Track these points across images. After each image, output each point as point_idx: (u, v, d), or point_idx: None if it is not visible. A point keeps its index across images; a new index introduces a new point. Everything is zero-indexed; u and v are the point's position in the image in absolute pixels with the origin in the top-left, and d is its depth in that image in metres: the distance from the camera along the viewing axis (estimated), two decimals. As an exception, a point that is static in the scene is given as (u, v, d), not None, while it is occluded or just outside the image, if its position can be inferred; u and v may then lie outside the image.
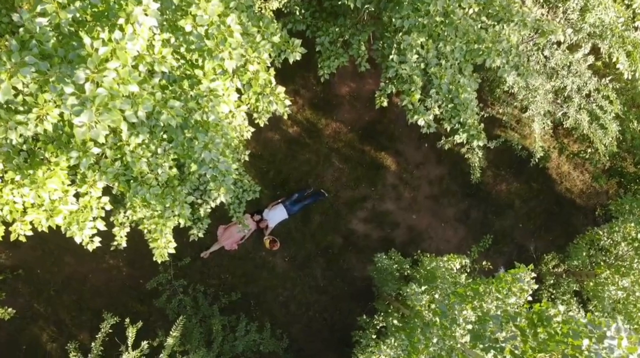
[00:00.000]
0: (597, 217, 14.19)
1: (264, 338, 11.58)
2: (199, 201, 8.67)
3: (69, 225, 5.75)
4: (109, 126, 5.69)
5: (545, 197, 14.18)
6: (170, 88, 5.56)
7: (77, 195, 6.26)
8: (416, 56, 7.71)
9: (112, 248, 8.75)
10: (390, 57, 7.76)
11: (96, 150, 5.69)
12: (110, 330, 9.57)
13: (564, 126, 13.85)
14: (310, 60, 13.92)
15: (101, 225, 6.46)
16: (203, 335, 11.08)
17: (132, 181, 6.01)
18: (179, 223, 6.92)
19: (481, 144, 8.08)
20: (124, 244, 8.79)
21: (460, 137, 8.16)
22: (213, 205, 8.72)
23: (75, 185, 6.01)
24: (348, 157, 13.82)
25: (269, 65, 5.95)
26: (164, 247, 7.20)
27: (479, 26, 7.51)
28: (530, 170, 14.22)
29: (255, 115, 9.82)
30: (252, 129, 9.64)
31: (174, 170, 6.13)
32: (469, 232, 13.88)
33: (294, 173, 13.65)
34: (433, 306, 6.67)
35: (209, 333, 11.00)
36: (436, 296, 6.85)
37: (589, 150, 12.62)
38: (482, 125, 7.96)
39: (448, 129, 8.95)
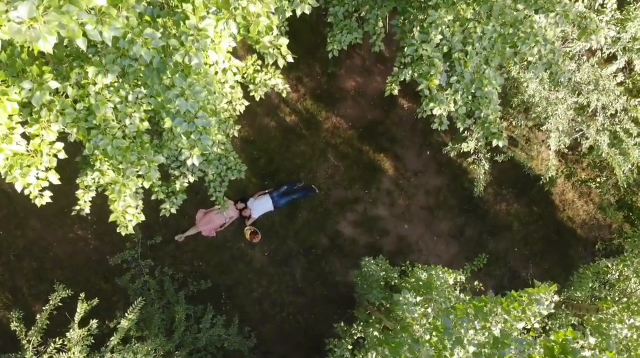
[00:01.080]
0: (596, 251, 13.29)
1: (230, 335, 10.54)
2: (176, 173, 7.67)
3: (10, 169, 4.74)
4: (66, 46, 4.69)
5: (546, 223, 13.27)
6: (152, 25, 4.58)
7: (28, 139, 5.25)
8: (440, 37, 6.77)
9: (73, 213, 7.72)
10: (412, 33, 6.82)
11: (54, 84, 4.70)
12: (62, 304, 8.52)
13: (577, 150, 13.01)
14: (318, 48, 13.00)
15: (54, 179, 5.44)
16: (165, 322, 10.03)
17: (94, 129, 5.01)
18: (144, 187, 5.91)
19: (501, 144, 7.15)
20: (87, 211, 7.77)
21: (477, 134, 7.22)
22: (191, 179, 7.73)
23: (27, 125, 5.00)
24: (345, 155, 12.87)
25: (273, 12, 4.98)
26: (122, 213, 6.19)
27: (514, 13, 6.58)
28: (533, 193, 13.33)
29: (251, 87, 8.87)
30: (247, 103, 8.69)
31: (146, 124, 5.14)
32: (461, 250, 12.94)
33: (286, 164, 12.67)
34: (425, 321, 5.73)
35: (172, 321, 9.95)
36: (429, 310, 5.90)
37: (600, 180, 11.73)
38: (504, 124, 7.02)
39: (461, 130, 8.02)
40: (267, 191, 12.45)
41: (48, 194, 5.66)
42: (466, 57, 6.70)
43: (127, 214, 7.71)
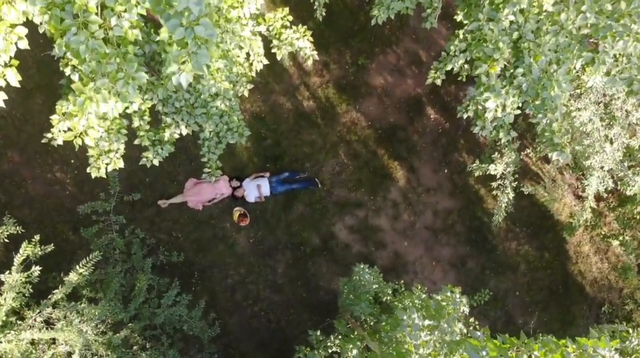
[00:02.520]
0: (601, 313, 12.08)
1: (192, 318, 9.34)
2: (168, 120, 6.51)
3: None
4: None
5: (554, 272, 12.08)
6: None
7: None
8: (512, 17, 5.64)
9: (43, 141, 6.58)
10: (480, 7, 5.69)
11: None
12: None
13: (607, 201, 11.86)
14: (353, 36, 11.89)
15: (13, 78, 4.30)
16: (124, 289, 8.84)
17: (69, 21, 3.86)
18: (130, 129, 4.78)
19: (562, 159, 6.00)
20: (59, 142, 6.60)
21: (538, 141, 6.06)
22: (184, 130, 6.58)
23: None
24: (357, 154, 11.71)
25: None
26: (79, 135, 5.04)
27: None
28: (547, 238, 12.16)
29: (274, 42, 7.76)
30: (266, 62, 7.57)
31: (136, 32, 3.99)
32: (459, 281, 11.74)
33: (292, 150, 11.52)
34: (425, 351, 4.57)
35: (131, 289, 8.76)
36: (433, 338, 4.74)
37: (624, 238, 10.56)
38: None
39: (503, 140, 6.86)
40: (266, 174, 11.30)
41: (2, 97, 4.51)
42: (538, 48, 5.55)
43: (105, 155, 6.59)
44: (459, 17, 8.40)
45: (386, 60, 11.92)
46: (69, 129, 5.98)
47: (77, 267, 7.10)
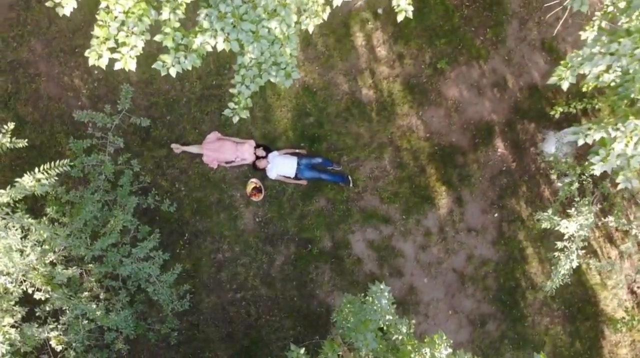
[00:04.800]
0: None
1: (162, 281, 7.77)
2: (204, 24, 4.98)
3: None
4: None
5: (582, 367, 10.17)
6: None
7: None
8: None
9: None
10: None
11: None
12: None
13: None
14: (441, 35, 10.28)
15: None
16: (96, 223, 7.33)
17: None
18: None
19: None
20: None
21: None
22: (220, 43, 5.02)
23: None
24: (402, 164, 10.05)
25: None
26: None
27: None
28: (584, 326, 10.25)
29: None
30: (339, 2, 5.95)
31: None
32: (471, 342, 9.93)
33: (334, 137, 9.94)
34: None
35: (104, 224, 7.24)
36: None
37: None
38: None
39: (620, 186, 5.12)
40: (297, 152, 9.74)
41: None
42: None
43: (120, 47, 5.11)
44: (585, 34, 6.72)
45: (468, 72, 10.27)
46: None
47: (36, 170, 5.62)
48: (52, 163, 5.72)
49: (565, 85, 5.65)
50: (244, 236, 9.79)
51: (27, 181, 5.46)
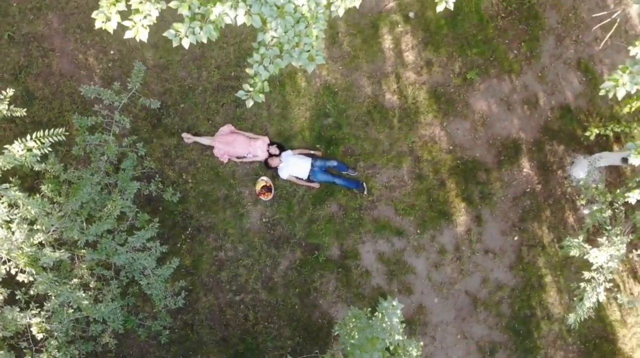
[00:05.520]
0: None
1: (157, 276, 7.23)
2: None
3: None
4: None
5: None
6: None
7: None
8: None
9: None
10: None
11: None
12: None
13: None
14: (473, 45, 9.73)
15: None
16: (94, 205, 6.81)
17: None
18: None
19: None
20: None
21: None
22: (240, 16, 4.50)
23: None
24: (422, 175, 9.47)
25: None
26: None
27: None
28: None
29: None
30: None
31: None
32: (479, 370, 9.25)
33: (352, 141, 9.39)
34: None
35: (100, 208, 6.72)
36: None
37: None
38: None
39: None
40: (311, 153, 9.21)
41: None
42: None
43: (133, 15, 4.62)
44: (634, 50, 6.11)
45: (499, 86, 9.69)
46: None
47: (28, 137, 5.11)
48: (46, 131, 5.22)
49: (621, 93, 5.04)
50: (248, 236, 9.23)
51: (17, 149, 4.96)
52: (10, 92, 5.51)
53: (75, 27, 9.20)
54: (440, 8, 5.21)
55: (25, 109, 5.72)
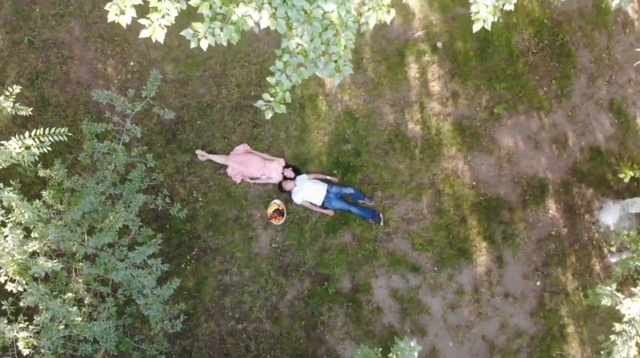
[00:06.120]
0: None
1: (157, 296, 6.73)
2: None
3: None
4: None
5: None
6: None
7: None
8: None
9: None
10: None
11: None
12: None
13: None
14: (501, 79, 9.36)
15: None
16: (96, 216, 6.39)
17: None
18: None
19: None
20: None
21: None
22: (265, 20, 4.15)
23: None
24: (442, 210, 8.96)
25: None
26: None
27: None
28: None
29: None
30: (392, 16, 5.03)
31: None
32: None
33: (371, 169, 8.95)
34: None
35: (102, 219, 6.29)
36: None
37: None
38: None
39: None
40: (327, 178, 8.78)
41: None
42: None
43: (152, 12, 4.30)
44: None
45: (527, 123, 9.24)
46: None
47: (27, 134, 4.70)
48: (48, 129, 4.84)
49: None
50: (256, 261, 8.73)
51: (14, 146, 4.58)
52: (16, 89, 5.17)
53: (97, 36, 8.98)
54: (476, 28, 4.82)
55: (31, 109, 5.35)
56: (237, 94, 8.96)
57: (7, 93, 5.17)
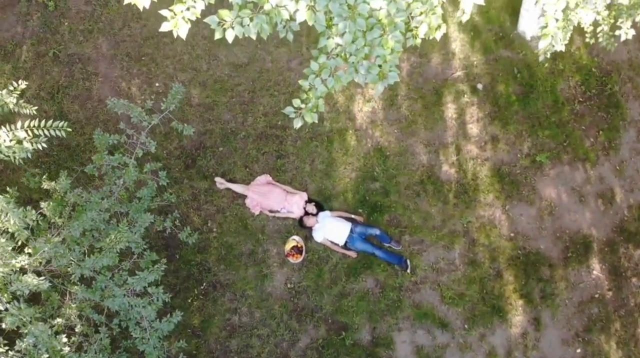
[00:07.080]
0: None
1: (155, 330, 5.91)
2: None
3: None
4: None
5: None
6: None
7: None
8: None
9: None
10: None
11: None
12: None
13: None
14: (543, 124, 8.63)
15: None
16: (97, 234, 5.70)
17: None
18: None
19: None
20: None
21: None
22: (303, 12, 3.55)
23: None
24: (475, 262, 8.08)
25: None
26: None
27: None
28: None
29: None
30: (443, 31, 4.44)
31: None
32: None
33: (399, 211, 8.18)
34: None
35: (103, 238, 5.58)
36: None
37: None
38: None
39: None
40: (352, 217, 8.01)
41: None
42: None
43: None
44: None
45: (571, 174, 8.44)
46: None
47: (19, 125, 4.07)
48: (44, 121, 4.23)
49: None
50: (269, 301, 7.89)
51: (3, 137, 3.96)
52: (22, 84, 4.64)
53: (124, 54, 8.59)
54: (542, 44, 4.15)
55: (35, 108, 4.79)
56: (263, 123, 8.41)
57: (12, 88, 4.64)
